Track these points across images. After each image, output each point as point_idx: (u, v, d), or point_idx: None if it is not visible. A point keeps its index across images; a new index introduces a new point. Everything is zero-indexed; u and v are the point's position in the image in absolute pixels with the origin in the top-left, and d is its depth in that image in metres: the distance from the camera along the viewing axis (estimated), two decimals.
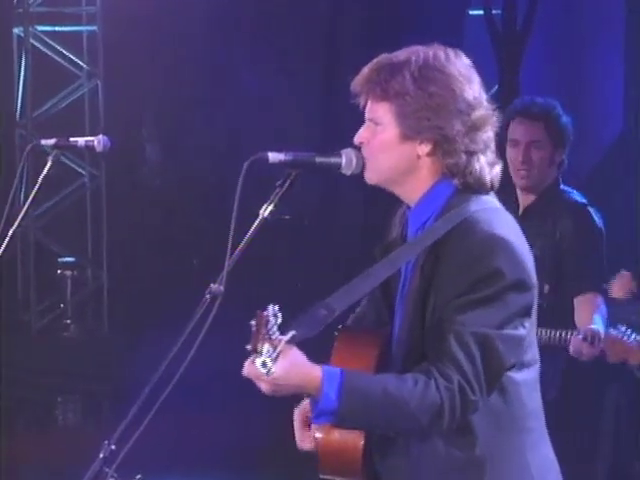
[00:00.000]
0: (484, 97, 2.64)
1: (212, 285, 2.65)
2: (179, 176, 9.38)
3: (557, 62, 8.29)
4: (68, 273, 9.32)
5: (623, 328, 4.43)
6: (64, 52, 9.21)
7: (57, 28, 9.25)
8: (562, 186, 4.70)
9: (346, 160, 2.67)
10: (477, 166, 2.60)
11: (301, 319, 2.47)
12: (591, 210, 4.66)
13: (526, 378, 2.60)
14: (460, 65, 2.62)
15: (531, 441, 2.60)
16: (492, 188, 2.66)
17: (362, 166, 2.67)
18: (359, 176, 2.67)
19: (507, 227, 2.57)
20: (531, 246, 4.44)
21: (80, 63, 9.26)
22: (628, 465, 5.51)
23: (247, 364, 2.41)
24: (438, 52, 2.61)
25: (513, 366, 2.54)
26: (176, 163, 9.49)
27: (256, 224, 2.67)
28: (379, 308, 2.73)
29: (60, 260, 9.36)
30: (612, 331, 4.41)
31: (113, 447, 2.57)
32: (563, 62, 8.29)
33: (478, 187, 2.62)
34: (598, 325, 4.39)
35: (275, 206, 2.67)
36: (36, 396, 8.19)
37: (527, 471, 2.58)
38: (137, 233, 9.16)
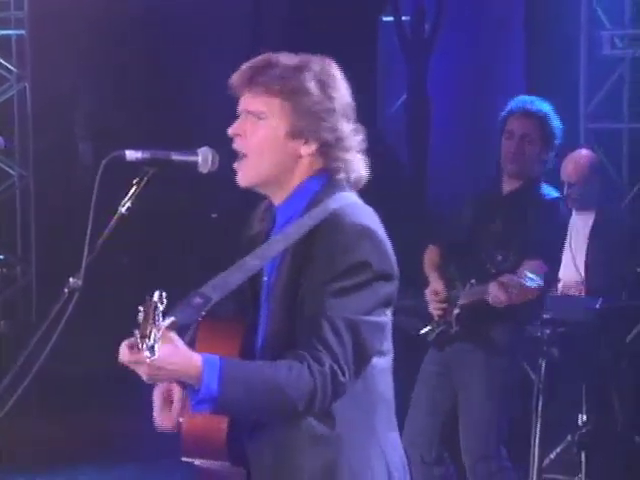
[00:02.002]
0: None
1: (71, 279, 2.64)
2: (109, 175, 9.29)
3: (463, 66, 8.35)
4: None
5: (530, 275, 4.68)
6: None
7: None
8: (544, 183, 5.02)
9: (202, 158, 2.67)
10: (360, 164, 2.65)
11: (179, 306, 2.45)
12: (560, 203, 5.06)
13: (383, 366, 2.63)
14: (340, 74, 2.66)
15: (383, 424, 2.64)
16: (361, 185, 2.69)
17: (217, 166, 2.67)
18: None
19: (371, 219, 2.60)
20: (504, 224, 4.86)
21: (8, 66, 9.13)
22: (520, 450, 5.56)
23: (125, 348, 2.37)
24: (328, 60, 2.64)
25: (376, 352, 2.57)
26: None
27: (114, 220, 2.65)
28: (240, 297, 2.70)
29: None
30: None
31: None
32: (468, 66, 8.35)
33: (355, 184, 2.65)
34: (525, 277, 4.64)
35: (132, 203, 2.64)
36: None
37: (379, 450, 2.61)
38: (65, 231, 9.08)
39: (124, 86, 9.19)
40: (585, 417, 5.75)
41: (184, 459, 2.62)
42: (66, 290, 2.61)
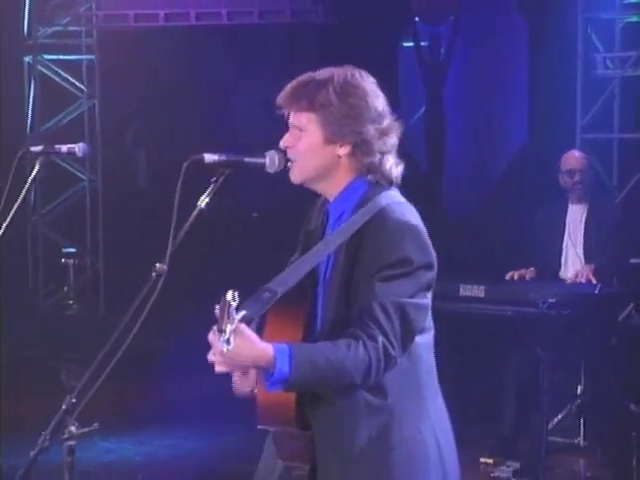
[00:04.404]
0: (388, 109, 2.64)
1: (157, 265, 2.60)
2: (162, 179, 9.32)
3: (474, 84, 8.31)
4: (70, 261, 9.27)
5: None
6: (67, 77, 9.19)
7: (61, 57, 9.20)
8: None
9: (269, 161, 2.65)
10: (387, 164, 2.62)
11: (250, 301, 2.44)
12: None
13: (425, 341, 2.61)
14: (370, 83, 2.64)
15: (430, 393, 2.63)
16: (397, 182, 2.67)
17: (284, 166, 2.65)
18: None
19: (414, 216, 2.60)
20: None
21: (80, 86, 9.24)
22: (528, 416, 5.55)
23: (213, 338, 2.38)
24: (353, 72, 2.63)
25: (419, 329, 2.56)
26: (159, 168, 9.45)
27: (194, 214, 2.62)
28: (301, 285, 2.68)
29: (64, 250, 9.30)
30: None
31: (74, 400, 2.55)
32: (478, 85, 8.32)
33: (387, 182, 2.63)
34: None
35: (211, 199, 2.62)
36: (42, 363, 8.17)
37: (427, 417, 2.60)
38: (128, 227, 9.11)
39: (176, 103, 9.22)
40: (583, 387, 5.73)
41: (260, 427, 2.62)
42: (154, 274, 2.57)
